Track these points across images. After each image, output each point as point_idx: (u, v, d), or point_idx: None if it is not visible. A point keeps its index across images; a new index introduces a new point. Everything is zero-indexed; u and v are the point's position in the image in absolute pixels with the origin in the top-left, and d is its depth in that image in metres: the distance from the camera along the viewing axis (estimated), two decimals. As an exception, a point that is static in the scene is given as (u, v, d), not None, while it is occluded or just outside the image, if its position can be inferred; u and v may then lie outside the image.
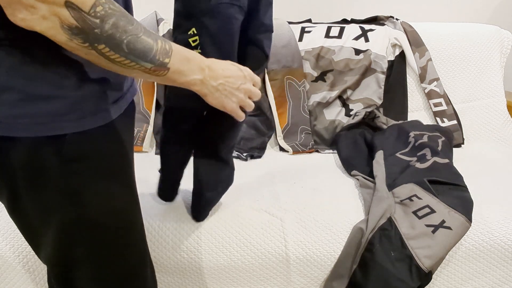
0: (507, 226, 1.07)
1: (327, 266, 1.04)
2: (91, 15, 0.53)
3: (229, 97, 0.75)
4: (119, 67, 0.59)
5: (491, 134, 1.60)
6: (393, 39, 1.65)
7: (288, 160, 1.46)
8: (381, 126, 1.53)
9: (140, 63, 0.59)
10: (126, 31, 0.56)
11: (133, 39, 0.57)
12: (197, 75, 0.68)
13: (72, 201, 0.65)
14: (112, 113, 0.66)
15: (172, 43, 0.65)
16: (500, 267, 1.07)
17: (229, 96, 0.75)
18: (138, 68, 0.60)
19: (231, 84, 0.74)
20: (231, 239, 1.05)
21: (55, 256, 0.70)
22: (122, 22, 0.56)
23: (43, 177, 0.63)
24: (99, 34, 0.54)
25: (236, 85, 0.75)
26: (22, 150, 0.61)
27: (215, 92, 0.72)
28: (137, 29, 0.58)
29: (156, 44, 0.60)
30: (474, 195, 1.12)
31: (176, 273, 1.05)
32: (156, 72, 0.62)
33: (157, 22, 1.62)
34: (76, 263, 0.70)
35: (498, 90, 1.64)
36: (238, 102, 0.77)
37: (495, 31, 1.68)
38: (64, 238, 0.68)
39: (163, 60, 0.62)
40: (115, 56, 0.57)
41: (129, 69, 0.60)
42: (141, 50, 0.59)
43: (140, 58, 0.59)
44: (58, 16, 0.52)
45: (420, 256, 0.99)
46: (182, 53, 0.65)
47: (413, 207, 1.07)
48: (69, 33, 0.54)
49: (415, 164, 1.25)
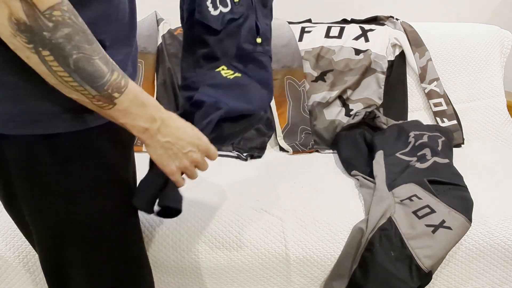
0: (507, 226, 1.07)
1: (327, 266, 1.04)
2: (45, 15, 0.50)
3: (172, 159, 0.68)
4: (59, 83, 0.55)
5: (491, 134, 1.60)
6: (393, 39, 1.65)
7: (288, 160, 1.46)
8: (381, 126, 1.53)
9: (83, 86, 0.55)
10: (79, 48, 0.53)
11: (84, 58, 0.53)
12: (145, 123, 0.62)
13: (65, 201, 0.65)
14: None
15: (134, 83, 0.61)
16: (500, 267, 1.07)
17: (172, 158, 0.68)
18: (81, 91, 0.55)
19: (180, 147, 0.67)
20: (231, 239, 1.05)
21: (48, 255, 0.70)
22: (79, 37, 0.52)
23: (37, 175, 0.62)
24: (47, 38, 0.50)
25: (184, 150, 0.68)
26: (16, 148, 0.60)
27: (159, 148, 0.66)
28: (94, 51, 0.54)
29: (110, 75, 0.56)
30: (474, 195, 1.12)
31: (176, 273, 1.05)
32: (100, 103, 0.57)
33: (157, 22, 1.62)
34: (69, 263, 0.70)
35: (498, 90, 1.64)
36: (180, 167, 0.69)
37: (495, 31, 1.68)
38: (57, 238, 0.67)
39: (111, 93, 0.57)
40: (58, 68, 0.53)
41: (70, 89, 0.55)
42: (89, 73, 0.54)
43: (86, 81, 0.54)
44: (8, 6, 0.48)
45: (420, 256, 0.99)
46: (139, 96, 0.61)
47: (413, 207, 1.07)
48: (15, 28, 0.49)
49: (415, 164, 1.25)
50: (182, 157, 0.68)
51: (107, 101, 0.57)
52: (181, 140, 0.67)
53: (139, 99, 0.60)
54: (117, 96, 0.58)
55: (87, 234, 0.68)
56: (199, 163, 0.72)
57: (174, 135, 0.66)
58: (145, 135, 0.63)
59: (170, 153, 0.67)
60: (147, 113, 0.62)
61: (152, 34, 1.58)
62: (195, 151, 0.69)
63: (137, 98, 0.60)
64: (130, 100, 0.59)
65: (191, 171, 0.72)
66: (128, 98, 0.59)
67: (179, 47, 1.57)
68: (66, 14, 0.51)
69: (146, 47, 1.56)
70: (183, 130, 0.68)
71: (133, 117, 0.61)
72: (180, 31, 1.59)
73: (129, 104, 0.59)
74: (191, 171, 0.72)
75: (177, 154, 0.68)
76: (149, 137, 0.64)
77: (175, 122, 0.66)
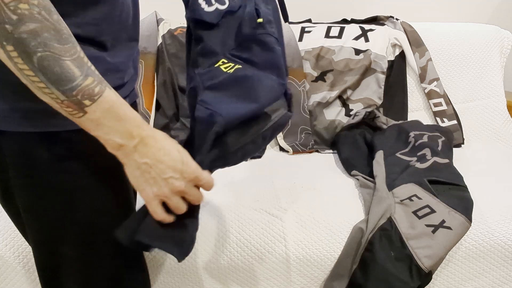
0: (507, 226, 1.07)
1: (327, 266, 1.04)
2: (9, 7, 0.46)
3: (149, 183, 0.59)
4: (28, 83, 0.51)
5: (491, 134, 1.60)
6: (393, 39, 1.65)
7: (288, 160, 1.46)
8: (381, 126, 1.53)
9: (50, 88, 0.50)
10: (46, 46, 0.48)
11: (50, 57, 0.49)
12: (120, 138, 0.55)
13: (61, 199, 0.64)
14: None
15: (113, 94, 0.55)
16: (500, 267, 1.07)
17: (150, 182, 0.59)
18: (49, 94, 0.51)
19: (159, 171, 0.58)
20: (231, 239, 1.05)
21: (43, 253, 0.69)
22: (48, 34, 0.48)
23: (34, 173, 0.62)
24: (9, 32, 0.47)
25: (164, 175, 0.59)
26: (13, 145, 0.60)
27: (135, 169, 0.58)
28: (65, 51, 0.50)
29: (82, 79, 0.51)
30: (474, 195, 1.12)
31: (176, 273, 1.05)
32: (70, 109, 0.52)
33: (157, 22, 1.62)
34: (64, 262, 0.69)
35: (498, 90, 1.64)
36: (159, 195, 0.60)
37: (495, 31, 1.68)
38: (52, 236, 0.67)
39: (81, 100, 0.52)
40: (23, 66, 0.49)
41: (38, 90, 0.51)
42: (56, 75, 0.50)
43: (52, 83, 0.50)
44: None
45: (420, 256, 0.99)
46: (116, 108, 0.54)
47: (413, 207, 1.07)
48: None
49: (415, 164, 1.25)
50: (161, 183, 0.59)
51: (76, 108, 0.52)
52: (161, 163, 0.58)
53: (115, 111, 0.54)
54: (88, 103, 0.52)
55: (82, 234, 0.67)
56: (184, 193, 0.61)
57: (154, 157, 0.58)
58: (120, 153, 0.57)
59: (148, 176, 0.58)
60: (124, 127, 0.55)
61: (152, 34, 1.58)
62: (177, 178, 0.60)
63: (113, 109, 0.54)
64: (104, 111, 0.53)
65: (173, 202, 0.61)
66: (101, 107, 0.53)
67: (179, 47, 1.57)
68: (35, 8, 0.47)
69: (146, 47, 1.56)
70: (166, 152, 0.59)
71: (106, 130, 0.54)
72: (180, 31, 1.59)
73: (102, 114, 0.53)
74: (173, 202, 0.61)
75: (156, 179, 0.59)
76: (124, 155, 0.57)
77: (157, 142, 0.58)
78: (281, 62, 0.70)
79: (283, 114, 0.69)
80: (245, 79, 0.67)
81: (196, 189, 0.63)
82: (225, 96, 0.66)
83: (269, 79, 0.68)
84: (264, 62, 0.69)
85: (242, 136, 0.66)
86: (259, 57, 0.68)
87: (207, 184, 0.64)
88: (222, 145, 0.65)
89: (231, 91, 0.66)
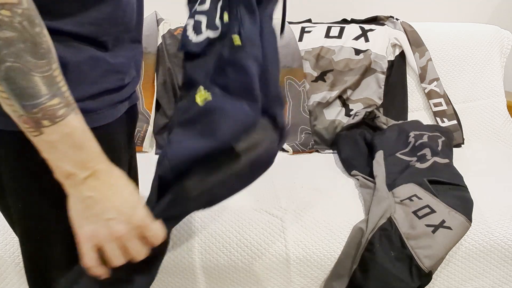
0: (507, 226, 1.07)
1: (327, 266, 1.04)
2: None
3: (88, 221, 0.53)
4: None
5: (491, 134, 1.60)
6: (393, 39, 1.65)
7: (288, 160, 1.46)
8: (381, 126, 1.53)
9: (12, 100, 0.48)
10: (18, 56, 0.46)
11: (19, 69, 0.46)
12: (71, 167, 0.51)
13: (52, 200, 0.61)
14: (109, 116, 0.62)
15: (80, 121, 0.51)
16: (500, 267, 1.07)
17: (89, 220, 0.53)
18: (10, 105, 0.48)
19: (102, 209, 0.53)
20: (231, 239, 1.05)
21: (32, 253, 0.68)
22: (22, 45, 0.46)
23: (26, 172, 0.61)
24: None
25: (106, 215, 0.53)
26: (6, 143, 0.59)
27: (78, 202, 0.53)
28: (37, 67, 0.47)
29: (48, 98, 0.48)
30: (474, 195, 1.12)
31: (176, 273, 1.05)
32: (26, 126, 0.49)
33: (157, 22, 1.62)
34: (53, 263, 0.67)
35: (498, 90, 1.64)
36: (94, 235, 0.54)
37: (495, 31, 1.68)
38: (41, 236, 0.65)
39: (41, 119, 0.48)
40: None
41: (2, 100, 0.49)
42: (20, 88, 0.47)
43: (14, 95, 0.47)
44: None
45: (420, 256, 0.99)
46: (75, 135, 0.51)
47: (413, 207, 1.07)
48: None
49: (415, 164, 1.25)
50: (100, 222, 0.53)
51: (33, 126, 0.49)
52: (108, 201, 0.53)
53: (74, 138, 0.51)
54: (46, 124, 0.49)
55: (70, 237, 0.63)
56: (124, 242, 0.55)
57: (102, 193, 0.53)
58: (68, 182, 0.52)
59: (89, 213, 0.53)
60: (79, 156, 0.51)
61: (152, 34, 1.58)
62: (120, 222, 0.54)
63: (72, 136, 0.50)
64: (62, 135, 0.50)
65: (109, 249, 0.55)
66: (59, 131, 0.50)
67: (179, 47, 1.57)
68: (17, 18, 0.46)
69: (146, 47, 1.56)
70: (116, 191, 0.54)
71: (59, 156, 0.51)
72: (180, 31, 1.59)
73: (59, 138, 0.50)
74: (109, 249, 0.55)
75: (97, 218, 0.53)
76: (71, 185, 0.52)
77: (110, 179, 0.54)
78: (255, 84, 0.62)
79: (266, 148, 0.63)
80: (211, 113, 0.60)
81: (139, 242, 0.56)
82: (190, 133, 0.60)
83: (238, 110, 0.60)
84: (237, 88, 0.62)
85: (207, 177, 0.59)
86: (233, 82, 0.62)
87: (154, 237, 0.57)
88: (178, 190, 0.58)
89: (197, 128, 0.60)
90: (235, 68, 0.62)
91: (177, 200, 0.58)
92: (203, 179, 0.58)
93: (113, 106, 0.64)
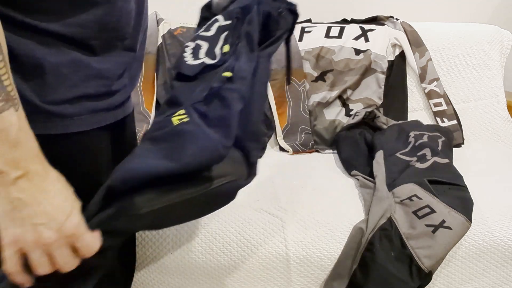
0: (507, 226, 1.07)
1: (327, 266, 1.04)
2: None
3: (14, 223, 0.50)
4: None
5: (491, 134, 1.60)
6: (393, 39, 1.65)
7: (288, 160, 1.46)
8: (381, 126, 1.53)
9: None
10: None
11: None
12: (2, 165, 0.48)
13: None
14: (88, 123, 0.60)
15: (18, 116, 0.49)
16: (500, 267, 1.07)
17: (15, 223, 0.50)
18: None
19: (31, 213, 0.50)
20: (231, 239, 1.05)
21: None
22: None
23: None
24: None
25: (35, 220, 0.50)
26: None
27: (6, 203, 0.49)
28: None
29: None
30: (474, 195, 1.12)
31: (176, 273, 1.05)
32: None
33: (157, 22, 1.62)
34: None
35: (498, 90, 1.64)
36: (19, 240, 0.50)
37: (495, 31, 1.68)
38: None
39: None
40: None
41: None
42: None
43: None
44: None
45: (420, 256, 0.99)
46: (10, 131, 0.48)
47: (413, 207, 1.07)
48: None
49: (415, 164, 1.25)
50: (28, 227, 0.50)
51: None
52: (38, 205, 0.50)
53: (8, 134, 0.47)
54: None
55: None
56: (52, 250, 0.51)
57: (32, 196, 0.49)
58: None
59: (16, 215, 0.50)
60: (11, 154, 0.48)
61: (152, 34, 1.58)
62: (49, 228, 0.50)
63: (7, 132, 0.47)
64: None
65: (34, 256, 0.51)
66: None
67: (179, 47, 1.57)
68: None
69: (146, 47, 1.56)
70: (50, 195, 0.51)
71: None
72: (180, 31, 1.59)
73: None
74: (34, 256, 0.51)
75: (24, 221, 0.50)
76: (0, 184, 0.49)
77: (44, 182, 0.51)
78: (234, 120, 0.63)
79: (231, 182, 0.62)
80: (181, 135, 0.59)
81: (68, 251, 0.53)
82: (155, 150, 0.59)
83: (207, 140, 0.60)
84: (216, 118, 0.62)
85: (159, 198, 0.57)
86: (214, 112, 0.62)
87: (86, 248, 0.53)
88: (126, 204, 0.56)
89: (163, 146, 0.59)
90: (219, 100, 0.62)
91: (122, 214, 0.56)
92: (155, 199, 0.57)
93: (95, 113, 0.61)
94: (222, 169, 0.61)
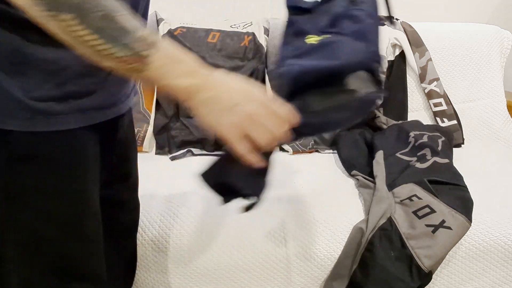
0: (507, 226, 1.07)
1: (327, 266, 1.04)
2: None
3: (220, 115, 0.56)
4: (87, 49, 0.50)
5: (491, 134, 1.60)
6: (393, 39, 1.65)
7: (288, 160, 1.46)
8: (381, 126, 1.53)
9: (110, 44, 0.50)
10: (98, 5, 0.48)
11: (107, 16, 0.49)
12: (184, 79, 0.54)
13: (8, 201, 0.60)
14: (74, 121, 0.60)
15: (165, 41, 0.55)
16: (500, 267, 1.07)
17: (220, 114, 0.56)
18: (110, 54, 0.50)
19: (225, 100, 0.56)
20: (231, 239, 1.05)
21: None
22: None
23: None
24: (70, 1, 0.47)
25: (232, 102, 0.56)
26: None
27: (202, 108, 0.56)
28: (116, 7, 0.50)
29: (134, 32, 0.50)
30: (474, 195, 1.12)
31: (176, 273, 1.05)
32: (132, 65, 0.51)
33: (157, 22, 1.62)
34: (5, 260, 0.65)
35: (498, 90, 1.64)
36: (234, 123, 0.56)
37: (495, 31, 1.68)
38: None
39: (139, 51, 0.51)
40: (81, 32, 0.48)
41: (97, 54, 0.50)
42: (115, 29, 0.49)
43: (112, 39, 0.49)
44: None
45: (420, 256, 0.99)
46: (173, 52, 0.54)
47: (413, 207, 1.07)
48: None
49: (415, 164, 1.25)
50: (230, 112, 0.56)
51: (138, 61, 0.51)
52: (227, 92, 0.56)
53: (175, 56, 0.54)
54: (145, 54, 0.51)
55: (25, 239, 0.63)
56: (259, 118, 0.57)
57: (217, 89, 0.56)
58: (188, 96, 0.55)
59: (216, 108, 0.56)
60: (185, 68, 0.54)
61: (152, 34, 1.58)
62: (246, 103, 0.56)
63: (173, 54, 0.54)
64: (165, 57, 0.53)
65: (249, 129, 0.57)
66: (163, 55, 0.53)
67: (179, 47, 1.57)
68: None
69: (146, 47, 1.56)
70: (230, 82, 0.57)
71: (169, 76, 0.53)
72: (180, 31, 1.59)
73: (164, 61, 0.53)
74: (249, 129, 0.57)
75: (225, 109, 0.56)
76: (190, 97, 0.55)
77: (220, 76, 0.57)
78: (372, 32, 0.69)
79: (371, 91, 0.66)
80: (329, 45, 0.67)
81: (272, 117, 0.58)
82: (307, 59, 0.66)
83: (356, 44, 0.67)
84: (352, 33, 0.68)
85: (323, 99, 0.64)
86: (347, 29, 0.68)
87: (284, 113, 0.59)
88: (301, 100, 0.63)
89: (313, 56, 0.66)
90: (349, 18, 0.69)
91: (300, 107, 0.62)
92: (319, 100, 0.64)
93: (82, 112, 0.61)
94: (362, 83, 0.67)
